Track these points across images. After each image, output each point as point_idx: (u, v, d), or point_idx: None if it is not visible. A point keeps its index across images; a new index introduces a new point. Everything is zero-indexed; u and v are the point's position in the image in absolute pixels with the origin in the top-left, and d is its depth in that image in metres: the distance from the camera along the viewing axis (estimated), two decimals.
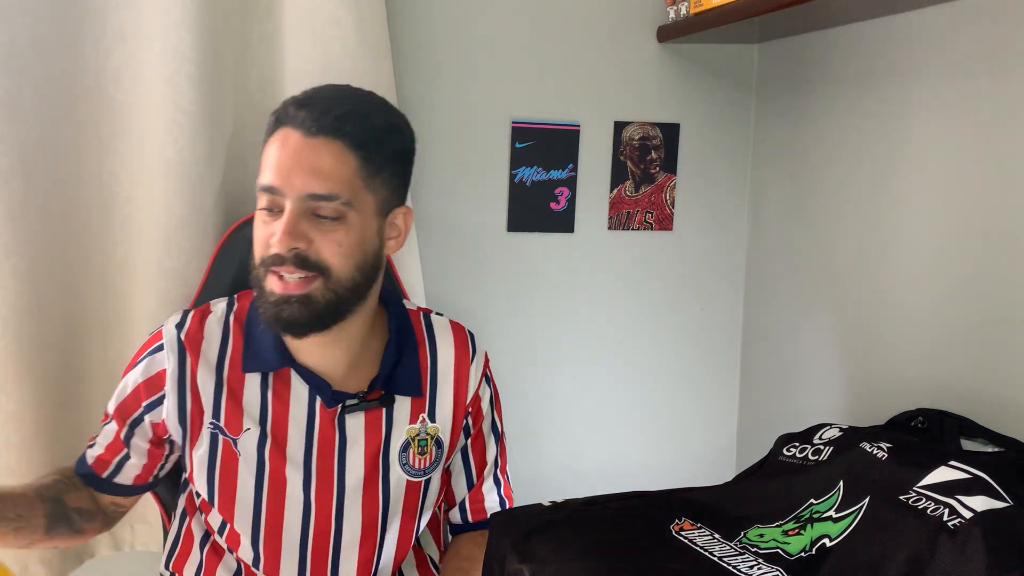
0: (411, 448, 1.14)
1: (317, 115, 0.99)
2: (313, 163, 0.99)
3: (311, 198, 0.99)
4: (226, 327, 1.11)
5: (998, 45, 1.23)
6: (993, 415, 1.22)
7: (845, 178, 1.55)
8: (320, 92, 1.04)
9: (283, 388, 1.09)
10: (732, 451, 1.89)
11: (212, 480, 1.09)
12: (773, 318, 1.76)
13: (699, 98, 1.76)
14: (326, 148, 0.99)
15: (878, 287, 1.47)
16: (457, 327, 1.21)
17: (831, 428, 1.24)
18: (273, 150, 1.01)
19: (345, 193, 1.00)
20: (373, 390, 1.11)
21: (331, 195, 0.99)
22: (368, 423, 1.12)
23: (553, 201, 1.70)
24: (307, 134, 0.99)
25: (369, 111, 1.04)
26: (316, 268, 1.00)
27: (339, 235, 1.00)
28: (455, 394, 1.17)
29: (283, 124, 1.02)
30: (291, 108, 1.01)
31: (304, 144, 0.99)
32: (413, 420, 1.14)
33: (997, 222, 1.24)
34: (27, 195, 1.26)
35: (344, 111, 1.01)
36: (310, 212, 1.00)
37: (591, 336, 1.77)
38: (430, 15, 1.57)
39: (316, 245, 1.00)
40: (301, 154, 0.99)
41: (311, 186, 0.98)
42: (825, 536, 1.03)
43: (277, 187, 0.99)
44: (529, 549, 1.09)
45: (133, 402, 1.10)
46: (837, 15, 1.46)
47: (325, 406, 1.09)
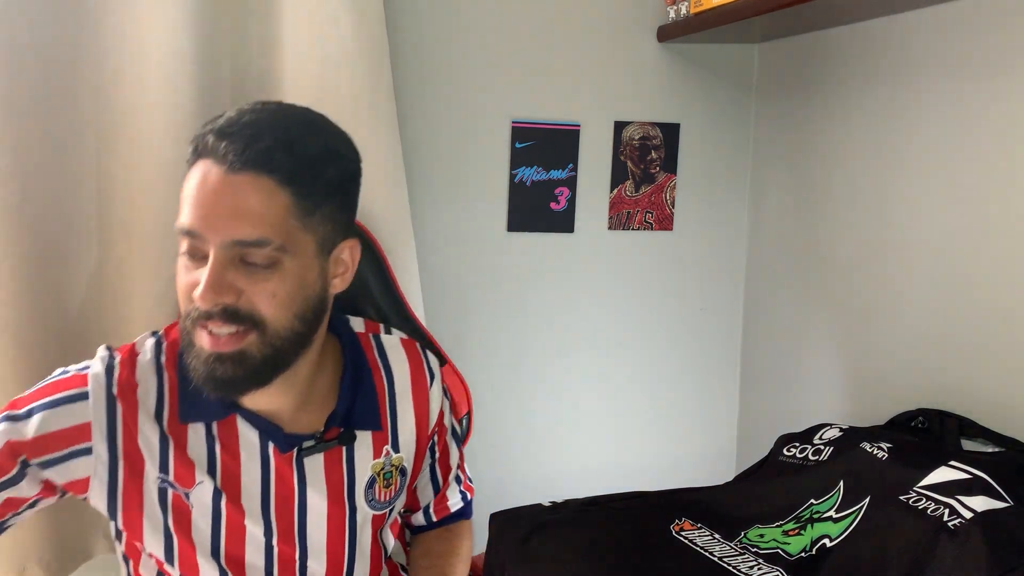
0: (377, 483, 1.05)
1: (241, 146, 0.85)
2: (237, 204, 0.85)
3: (237, 245, 0.86)
4: (159, 371, 0.97)
5: (998, 45, 1.23)
6: (993, 415, 1.22)
7: (845, 178, 1.55)
8: (244, 117, 0.89)
9: (230, 437, 0.97)
10: (732, 451, 1.89)
11: (169, 538, 0.97)
12: (773, 318, 1.76)
13: (699, 98, 1.76)
14: (252, 185, 0.85)
15: (878, 287, 1.47)
16: (409, 345, 1.11)
17: (831, 428, 1.24)
18: (191, 187, 0.87)
19: (277, 237, 0.86)
20: (330, 428, 1.01)
21: (261, 240, 0.86)
22: (328, 463, 1.01)
23: (553, 201, 1.69)
24: (229, 169, 0.85)
25: (302, 137, 0.89)
26: (249, 321, 0.87)
27: (273, 284, 0.87)
28: (417, 418, 1.08)
29: (202, 156, 0.87)
30: (211, 137, 0.87)
31: (226, 181, 0.85)
32: (377, 454, 1.04)
33: (997, 222, 1.24)
34: (25, 196, 1.25)
35: (272, 140, 0.87)
36: (238, 259, 0.87)
37: (591, 336, 1.76)
38: (430, 15, 1.57)
39: (247, 296, 0.87)
40: (223, 193, 0.85)
41: (236, 231, 0.85)
42: (825, 536, 1.03)
43: (198, 231, 0.86)
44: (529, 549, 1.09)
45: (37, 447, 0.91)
46: (837, 15, 1.46)
47: (279, 451, 0.98)
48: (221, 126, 0.88)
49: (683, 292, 1.81)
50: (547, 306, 1.72)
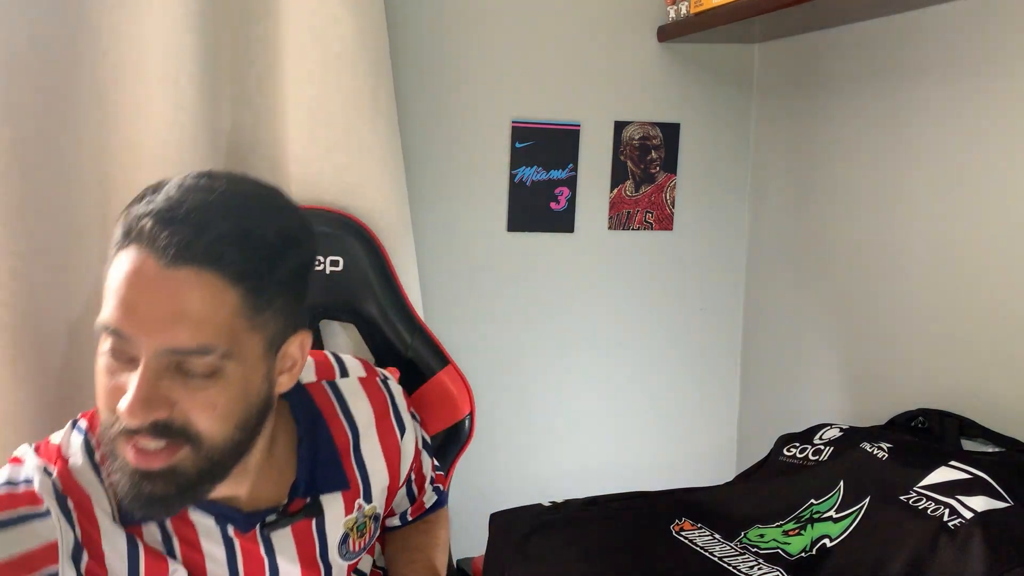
0: (350, 537, 0.97)
1: (186, 237, 0.72)
2: (176, 305, 0.72)
3: (174, 353, 0.73)
4: (96, 471, 0.83)
5: (998, 45, 1.23)
6: (993, 415, 1.22)
7: (845, 178, 1.55)
8: (189, 199, 0.74)
9: (186, 528, 0.86)
10: (732, 451, 1.89)
11: None
12: (773, 318, 1.76)
13: (699, 98, 1.76)
14: (195, 283, 0.72)
15: (878, 287, 1.47)
16: (370, 387, 1.01)
17: (831, 428, 1.24)
18: (119, 279, 0.73)
19: (222, 343, 0.74)
20: (294, 500, 0.91)
21: (202, 348, 0.73)
22: (298, 533, 0.92)
23: (553, 201, 1.70)
24: (168, 263, 0.71)
25: (258, 224, 0.76)
26: (182, 436, 0.75)
27: (212, 394, 0.75)
28: (389, 471, 1.00)
29: (135, 242, 0.73)
30: (148, 222, 0.72)
31: (164, 277, 0.71)
32: (349, 510, 0.95)
33: (997, 222, 1.24)
34: (25, 195, 1.25)
35: (223, 230, 0.73)
36: (173, 366, 0.74)
37: (591, 336, 1.76)
38: (430, 15, 1.57)
39: (182, 407, 0.74)
40: (159, 291, 0.72)
41: (174, 338, 0.72)
42: (825, 536, 1.03)
43: (126, 334, 0.72)
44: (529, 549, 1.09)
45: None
46: (837, 15, 1.46)
47: (240, 532, 0.88)
48: (161, 209, 0.73)
49: (683, 292, 1.81)
50: (547, 306, 1.72)
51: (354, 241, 1.34)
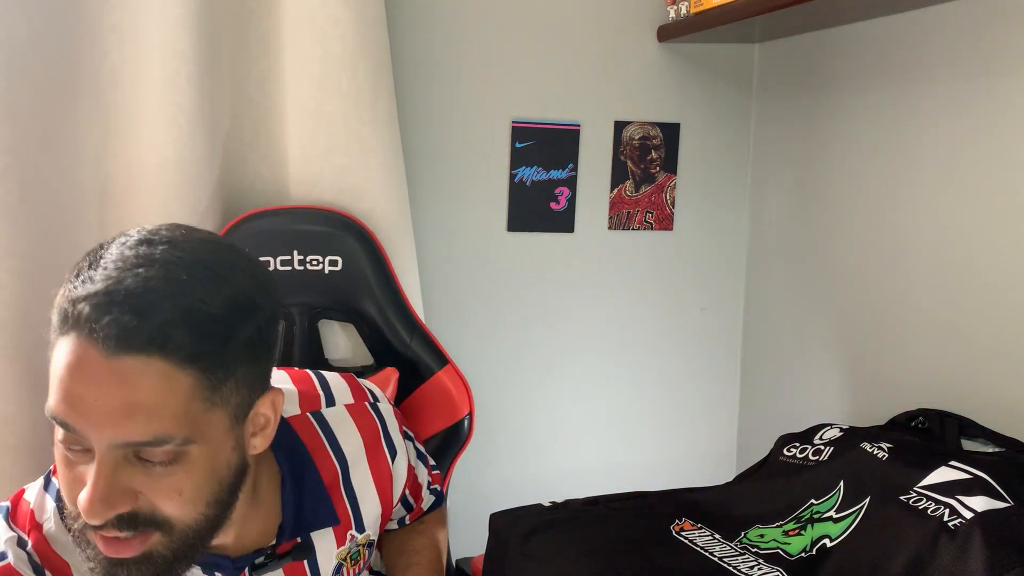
0: (344, 566, 0.95)
1: (127, 323, 0.65)
2: (124, 398, 0.66)
3: (127, 447, 0.68)
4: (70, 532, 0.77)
5: (999, 45, 1.23)
6: (993, 415, 1.22)
7: (845, 178, 1.55)
8: (127, 278, 0.67)
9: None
10: (732, 451, 1.89)
11: None
12: (773, 318, 1.76)
13: (699, 98, 1.76)
14: (143, 372, 0.66)
15: (878, 287, 1.47)
16: (359, 413, 0.96)
17: (831, 428, 1.24)
18: (60, 369, 0.67)
19: (180, 430, 0.68)
20: (282, 542, 0.88)
21: (158, 439, 0.67)
22: (289, 572, 0.90)
23: (553, 201, 1.69)
24: (111, 353, 0.65)
25: (207, 297, 0.69)
26: (151, 524, 0.70)
27: (177, 479, 0.70)
28: (382, 499, 0.97)
29: (71, 328, 0.67)
30: (84, 307, 0.66)
31: (107, 368, 0.65)
32: (341, 542, 0.93)
33: (997, 221, 1.24)
34: (24, 195, 1.25)
35: (168, 311, 0.66)
36: (131, 455, 0.69)
37: (591, 336, 1.76)
38: (430, 14, 1.57)
39: (146, 496, 0.70)
40: (104, 384, 0.66)
41: (126, 432, 0.67)
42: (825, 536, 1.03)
43: (78, 428, 0.67)
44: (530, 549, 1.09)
45: None
46: (837, 15, 1.46)
47: None
48: (98, 292, 0.66)
49: (683, 292, 1.81)
50: (547, 306, 1.72)
51: (353, 241, 1.34)
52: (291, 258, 1.32)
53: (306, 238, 1.32)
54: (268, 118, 1.41)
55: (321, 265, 1.33)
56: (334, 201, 1.39)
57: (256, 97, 1.40)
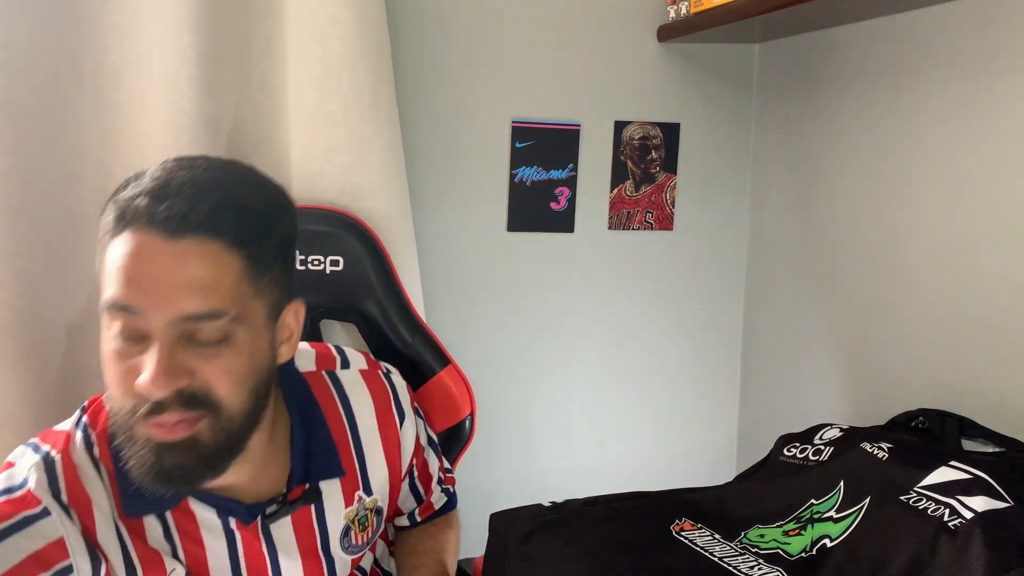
0: (352, 530, 0.98)
1: (183, 208, 0.75)
2: (184, 273, 0.74)
3: (187, 320, 0.75)
4: (96, 465, 0.85)
5: (999, 45, 1.23)
6: (993, 415, 1.22)
7: (845, 178, 1.55)
8: (177, 176, 0.78)
9: (188, 521, 0.88)
10: (732, 451, 1.89)
11: None
12: (773, 318, 1.76)
13: (699, 98, 1.76)
14: (199, 252, 0.75)
15: (878, 287, 1.47)
16: (371, 378, 1.01)
17: (831, 428, 1.24)
18: (120, 259, 0.75)
19: (231, 307, 0.77)
20: (292, 489, 0.93)
21: (214, 312, 0.76)
22: (297, 524, 0.94)
23: (553, 201, 1.70)
24: (169, 236, 0.74)
25: (248, 193, 0.80)
26: (203, 405, 0.78)
27: (227, 360, 0.78)
28: (389, 462, 1.01)
29: (131, 224, 0.75)
30: (142, 200, 0.75)
31: (167, 250, 0.74)
32: (349, 502, 0.97)
33: (997, 222, 1.24)
34: (25, 196, 1.25)
35: (218, 199, 0.77)
36: (186, 336, 0.76)
37: (591, 336, 1.77)
38: (430, 15, 1.57)
39: (201, 375, 0.77)
40: (165, 264, 0.74)
41: (186, 305, 0.74)
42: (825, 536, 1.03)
43: (137, 307, 0.74)
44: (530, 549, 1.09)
45: None
46: (838, 15, 1.46)
47: (242, 524, 0.90)
48: (152, 188, 0.76)
49: (683, 292, 1.81)
50: (547, 306, 1.72)
51: (354, 241, 1.34)
52: None
53: (308, 238, 1.32)
54: (269, 118, 1.41)
55: (323, 265, 1.33)
56: (335, 201, 1.39)
57: (257, 97, 1.40)
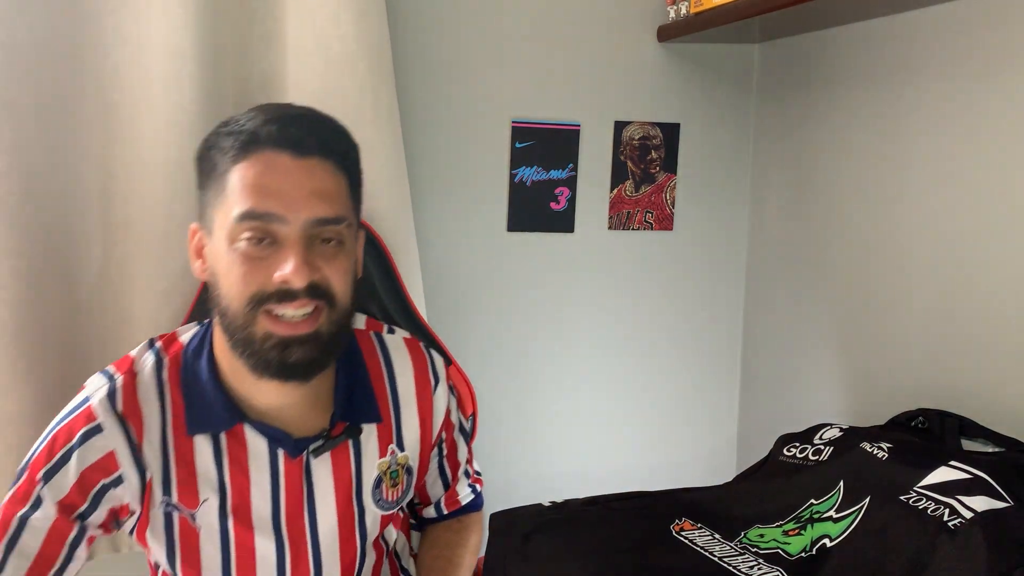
0: (383, 483, 1.05)
1: (303, 134, 0.90)
2: (315, 184, 0.89)
3: (318, 223, 0.89)
4: (160, 387, 0.97)
5: (998, 45, 1.23)
6: (993, 415, 1.22)
7: (845, 178, 1.55)
8: (291, 110, 0.93)
9: (238, 448, 0.97)
10: (732, 451, 1.89)
11: (173, 561, 0.98)
12: (773, 318, 1.76)
13: (699, 98, 1.76)
14: (321, 168, 0.90)
15: (878, 287, 1.47)
16: (413, 345, 1.10)
17: (831, 428, 1.24)
18: (256, 175, 0.88)
19: (347, 215, 0.92)
20: (335, 424, 1.01)
21: (339, 217, 0.90)
22: (336, 465, 1.02)
23: (553, 201, 1.70)
24: (298, 154, 0.89)
25: (342, 129, 0.96)
26: (325, 297, 0.90)
27: (341, 261, 0.92)
28: (421, 421, 1.08)
29: (262, 146, 0.89)
30: (267, 127, 0.89)
31: (298, 165, 0.88)
32: (383, 453, 1.05)
33: (998, 222, 1.24)
34: (26, 196, 1.25)
35: (329, 129, 0.93)
36: (312, 238, 0.90)
37: (591, 336, 1.77)
38: (431, 14, 1.57)
39: (324, 275, 0.90)
40: (298, 176, 0.88)
41: (319, 210, 0.89)
42: (825, 536, 1.03)
43: (277, 213, 0.87)
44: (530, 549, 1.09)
45: (79, 495, 0.93)
46: (837, 15, 1.46)
47: (289, 457, 0.98)
48: (270, 117, 0.90)
49: (683, 292, 1.81)
50: (547, 306, 1.72)
51: None
52: None
53: None
54: None
55: None
56: None
57: (257, 97, 1.40)
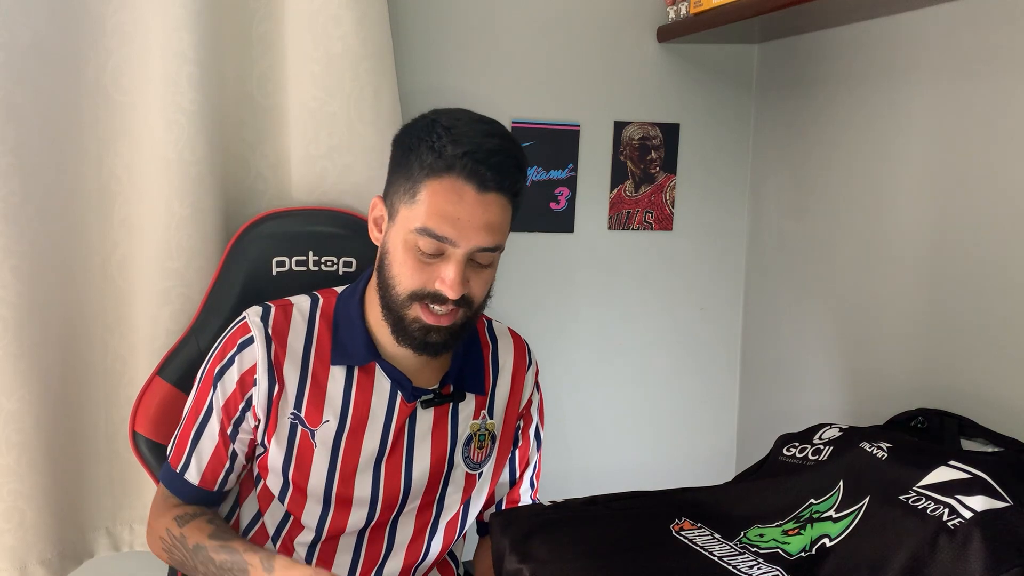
0: (472, 442, 1.21)
1: (493, 173, 1.03)
2: (487, 220, 1.04)
3: (481, 251, 1.05)
4: (311, 322, 1.16)
5: (997, 45, 1.23)
6: (993, 415, 1.22)
7: (845, 178, 1.55)
8: (488, 143, 1.04)
9: (367, 381, 1.15)
10: (732, 451, 1.89)
11: (288, 466, 1.13)
12: (773, 318, 1.76)
13: (699, 98, 1.76)
14: (497, 205, 1.05)
15: (878, 287, 1.47)
16: (515, 335, 1.29)
17: (831, 428, 1.24)
18: (443, 202, 1.03)
19: (503, 242, 1.08)
20: (444, 386, 1.18)
21: (497, 247, 1.07)
22: (436, 420, 1.18)
23: (553, 201, 1.70)
24: (482, 190, 1.03)
25: (522, 156, 1.08)
26: (466, 304, 1.08)
27: (487, 275, 1.09)
28: (510, 397, 1.25)
29: (452, 172, 1.03)
30: (464, 160, 1.02)
31: (479, 200, 1.03)
32: (476, 416, 1.21)
33: (997, 221, 1.24)
34: (27, 195, 1.26)
35: (512, 165, 1.05)
36: (471, 259, 1.06)
37: (591, 336, 1.77)
38: (431, 15, 1.57)
39: (470, 286, 1.07)
40: (476, 211, 1.03)
41: (484, 241, 1.04)
42: (825, 536, 1.03)
43: (452, 239, 1.03)
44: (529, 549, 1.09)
45: (235, 401, 1.13)
46: (837, 15, 1.46)
47: (405, 401, 1.15)
48: (472, 149, 1.02)
49: (683, 292, 1.81)
50: (546, 306, 1.73)
51: (366, 242, 1.34)
52: (306, 259, 1.33)
53: (320, 239, 1.34)
54: (270, 118, 1.41)
55: (336, 266, 1.34)
56: (337, 202, 1.40)
57: (257, 97, 1.40)
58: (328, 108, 1.37)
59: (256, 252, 1.31)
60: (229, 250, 1.32)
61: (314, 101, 1.37)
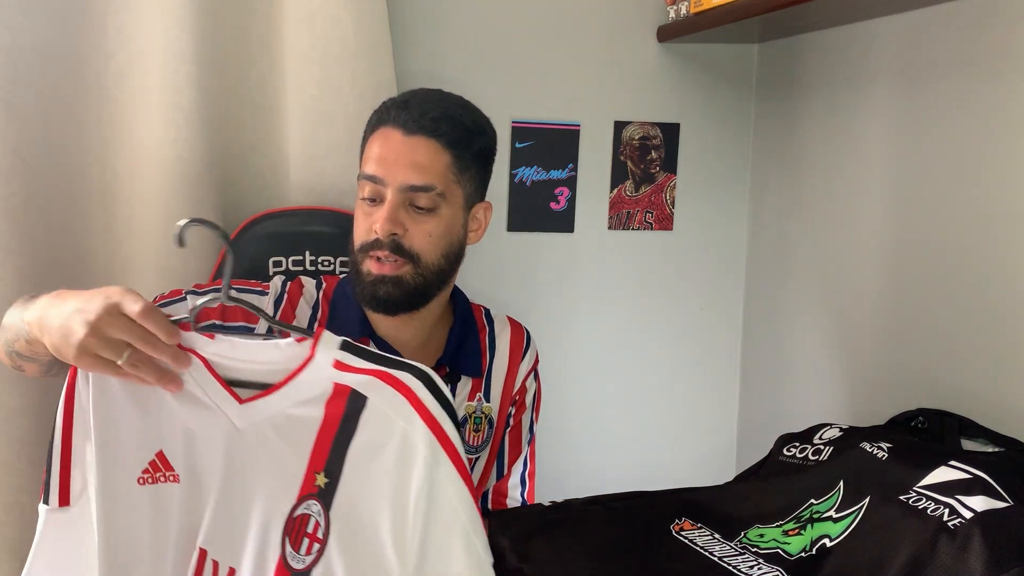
0: (468, 424, 1.22)
1: (416, 116, 1.09)
2: (413, 158, 1.09)
3: (410, 189, 1.09)
4: (316, 301, 1.20)
5: (999, 45, 1.23)
6: (993, 415, 1.22)
7: (845, 178, 1.55)
8: (416, 96, 1.14)
9: None
10: (732, 451, 1.89)
11: None
12: (773, 318, 1.76)
13: (699, 98, 1.76)
14: (423, 145, 1.09)
15: (878, 287, 1.47)
16: (514, 322, 1.31)
17: (831, 428, 1.24)
18: (376, 146, 1.11)
19: (439, 185, 1.10)
20: (439, 367, 1.19)
21: (427, 186, 1.09)
22: None
23: (553, 201, 1.70)
24: (407, 132, 1.09)
25: (460, 113, 1.13)
26: (408, 256, 1.10)
27: (430, 225, 1.11)
28: (506, 380, 1.26)
29: (384, 123, 1.11)
30: (392, 110, 1.12)
31: (404, 141, 1.09)
32: (471, 399, 1.23)
33: (998, 222, 1.24)
34: (29, 195, 1.26)
35: (439, 113, 1.10)
36: (407, 203, 1.10)
37: (591, 336, 1.77)
38: (430, 15, 1.57)
39: (410, 234, 1.10)
40: (401, 150, 1.09)
41: (411, 178, 1.09)
42: (825, 536, 1.03)
43: (380, 177, 1.09)
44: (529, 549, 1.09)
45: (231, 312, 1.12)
46: (837, 15, 1.46)
47: None
48: (399, 101, 1.12)
49: (683, 292, 1.81)
50: (547, 306, 1.72)
51: None
52: (303, 259, 1.33)
53: (317, 239, 1.34)
54: (269, 118, 1.41)
55: (332, 266, 1.34)
56: (336, 202, 1.40)
57: (256, 97, 1.40)
58: (326, 108, 1.37)
59: (253, 252, 1.31)
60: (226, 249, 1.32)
61: (312, 101, 1.37)
